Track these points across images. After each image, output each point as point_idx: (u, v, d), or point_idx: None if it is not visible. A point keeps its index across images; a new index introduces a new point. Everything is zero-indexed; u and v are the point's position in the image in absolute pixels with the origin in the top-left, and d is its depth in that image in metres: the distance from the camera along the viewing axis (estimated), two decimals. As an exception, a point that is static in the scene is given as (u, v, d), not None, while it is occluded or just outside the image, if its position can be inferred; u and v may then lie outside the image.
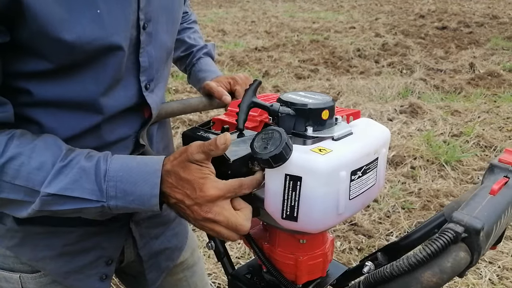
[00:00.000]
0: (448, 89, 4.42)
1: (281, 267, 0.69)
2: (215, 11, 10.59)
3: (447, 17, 8.54)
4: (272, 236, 0.70)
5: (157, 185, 0.61)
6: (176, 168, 0.61)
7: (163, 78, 0.82)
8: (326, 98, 0.66)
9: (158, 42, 0.74)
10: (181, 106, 0.89)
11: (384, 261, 0.69)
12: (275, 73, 5.17)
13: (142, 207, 0.62)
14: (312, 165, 0.55)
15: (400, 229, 2.29)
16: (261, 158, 0.55)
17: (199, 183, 0.59)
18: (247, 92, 0.65)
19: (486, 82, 4.59)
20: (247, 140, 0.62)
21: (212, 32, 7.85)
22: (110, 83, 0.68)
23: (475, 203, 0.49)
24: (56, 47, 0.59)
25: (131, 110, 0.74)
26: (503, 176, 0.54)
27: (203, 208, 0.60)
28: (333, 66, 5.44)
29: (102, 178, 0.61)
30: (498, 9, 9.20)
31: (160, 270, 0.96)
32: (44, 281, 0.79)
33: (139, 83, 0.73)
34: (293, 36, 7.26)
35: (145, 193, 0.61)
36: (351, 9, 10.27)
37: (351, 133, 0.65)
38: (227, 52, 6.18)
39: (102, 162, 0.62)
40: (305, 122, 0.63)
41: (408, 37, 6.87)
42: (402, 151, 3.03)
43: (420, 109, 3.80)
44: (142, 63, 0.72)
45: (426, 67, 5.15)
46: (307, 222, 0.58)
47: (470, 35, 6.91)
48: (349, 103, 3.95)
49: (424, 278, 0.42)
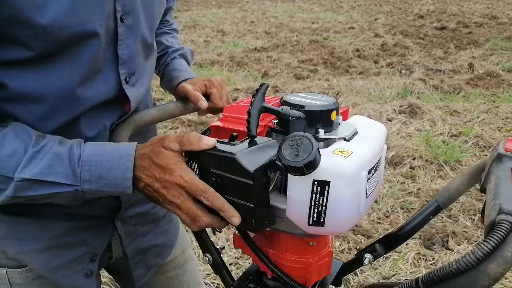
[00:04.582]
0: (447, 89, 4.43)
1: (290, 272, 0.68)
2: (214, 12, 10.59)
3: (446, 17, 8.55)
4: (279, 242, 0.69)
5: (131, 168, 0.63)
6: (150, 152, 0.63)
7: (146, 74, 0.83)
8: (331, 99, 0.66)
9: (139, 36, 0.75)
10: (158, 113, 0.86)
11: (382, 252, 0.70)
12: (274, 73, 5.17)
13: (115, 189, 0.64)
14: (340, 169, 0.55)
15: (399, 229, 2.29)
16: (294, 166, 0.53)
17: (170, 168, 0.61)
18: (256, 97, 0.62)
19: (485, 82, 4.60)
20: (263, 148, 0.59)
21: (211, 32, 7.85)
22: (87, 74, 0.68)
23: (505, 193, 0.50)
24: (29, 32, 0.60)
25: (110, 103, 0.75)
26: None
27: (169, 191, 0.62)
28: (332, 67, 5.44)
29: (76, 162, 0.63)
30: (497, 10, 9.21)
31: (147, 267, 0.95)
32: (31, 275, 0.79)
33: (118, 76, 0.74)
34: (292, 37, 7.26)
35: (118, 177, 0.63)
36: (350, 10, 10.28)
37: (357, 132, 0.66)
38: (226, 53, 6.18)
39: (76, 147, 0.64)
40: (315, 124, 0.63)
41: (407, 37, 6.88)
42: (401, 151, 3.03)
43: (419, 109, 3.80)
44: (121, 55, 0.73)
45: (425, 67, 5.15)
46: (333, 226, 0.58)
47: (469, 36, 6.91)
48: (348, 103, 3.96)
49: (491, 270, 0.43)
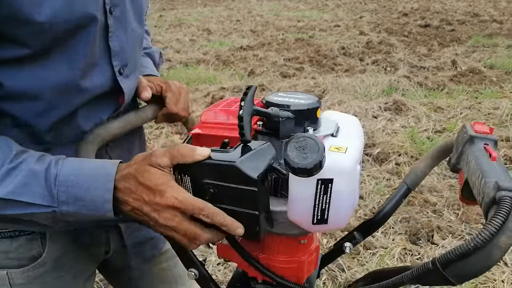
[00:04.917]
0: (431, 86, 4.48)
1: (283, 273, 0.68)
2: (200, 10, 10.53)
3: (429, 15, 8.66)
4: (270, 245, 0.68)
5: (110, 190, 0.59)
6: (135, 172, 0.58)
7: (137, 67, 0.83)
8: (312, 97, 0.66)
9: (128, 28, 0.75)
10: (121, 124, 0.80)
11: (361, 239, 0.73)
12: (260, 72, 5.17)
13: (95, 213, 0.60)
14: (341, 166, 0.56)
15: (385, 225, 2.31)
16: (305, 168, 0.52)
17: (160, 189, 0.57)
18: (246, 101, 0.59)
19: (468, 79, 4.67)
20: (260, 152, 0.58)
21: (197, 31, 7.81)
22: (85, 67, 0.67)
23: (493, 171, 0.54)
24: (27, 30, 0.59)
25: (106, 96, 0.74)
26: (484, 144, 0.60)
27: (161, 214, 0.57)
28: (318, 65, 5.46)
29: (53, 182, 0.59)
30: (479, 7, 9.37)
31: (145, 259, 0.97)
32: (32, 274, 0.78)
33: (112, 68, 0.73)
34: (278, 35, 7.27)
35: (96, 199, 0.59)
36: (335, 8, 10.33)
37: (339, 127, 0.66)
38: (212, 51, 6.15)
39: (53, 166, 0.60)
40: (304, 123, 0.63)
41: (392, 35, 6.94)
42: (387, 148, 3.06)
43: (404, 106, 3.84)
44: (112, 47, 0.72)
45: (410, 64, 5.21)
46: (336, 222, 0.59)
47: (452, 33, 7.01)
48: (334, 101, 3.98)
49: (502, 243, 0.46)
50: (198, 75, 5.06)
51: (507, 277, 1.92)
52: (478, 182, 0.55)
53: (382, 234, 2.25)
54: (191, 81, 4.85)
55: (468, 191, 0.60)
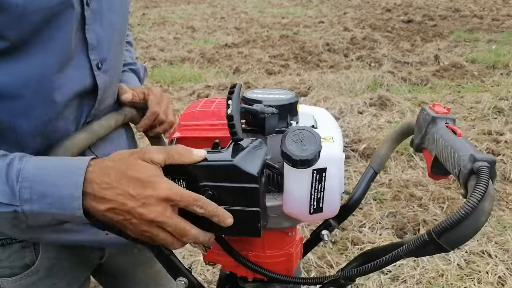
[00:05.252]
0: (415, 81, 4.54)
1: (273, 267, 0.69)
2: (184, 8, 10.44)
3: (412, 10, 8.75)
4: (258, 242, 0.69)
5: (80, 185, 0.53)
6: (120, 165, 0.54)
7: (118, 63, 0.81)
8: (289, 92, 0.68)
9: (105, 21, 0.74)
10: (89, 135, 0.76)
11: (336, 225, 0.77)
12: (245, 69, 5.15)
13: (63, 212, 0.54)
14: (333, 155, 0.59)
15: (372, 220, 2.34)
16: (306, 159, 0.54)
17: (152, 181, 0.53)
18: (233, 99, 0.58)
19: (450, 73, 4.74)
20: (253, 149, 0.58)
21: (181, 29, 7.74)
22: (61, 60, 0.66)
23: (463, 146, 0.59)
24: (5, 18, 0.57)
25: (87, 93, 0.73)
26: (445, 123, 0.66)
27: (151, 209, 0.53)
28: (303, 61, 5.47)
29: (15, 178, 0.54)
30: (460, 3, 9.50)
31: (139, 262, 0.97)
32: (25, 283, 0.76)
33: (90, 62, 0.72)
34: (263, 32, 7.26)
35: (65, 195, 0.53)
36: (319, 4, 10.36)
37: (315, 119, 0.69)
38: (197, 49, 6.11)
39: (17, 161, 0.55)
40: (286, 117, 0.64)
41: (376, 30, 7.00)
42: (373, 143, 3.09)
43: (389, 101, 3.88)
44: (89, 40, 0.71)
45: (394, 60, 5.26)
46: (330, 210, 0.62)
47: (434, 28, 7.11)
48: (319, 97, 3.99)
49: (486, 208, 0.50)
50: (183, 73, 5.02)
51: (491, 268, 1.95)
52: (451, 157, 0.59)
53: (369, 229, 2.27)
54: (176, 79, 4.81)
55: (438, 167, 0.65)
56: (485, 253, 2.06)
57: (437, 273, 1.95)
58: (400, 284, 1.90)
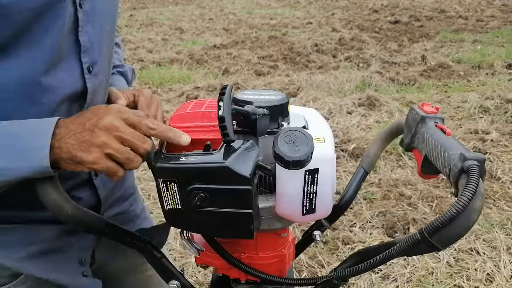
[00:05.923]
0: (402, 81, 4.58)
1: (267, 269, 0.69)
2: (171, 9, 10.39)
3: (399, 11, 8.84)
4: (251, 243, 0.69)
5: (48, 135, 0.57)
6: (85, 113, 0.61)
7: (108, 66, 0.80)
8: (280, 93, 0.68)
9: (97, 23, 0.73)
10: None
11: (328, 225, 0.77)
12: (234, 70, 5.15)
13: (30, 163, 0.57)
14: (325, 155, 0.59)
15: (362, 220, 2.35)
16: (299, 160, 0.54)
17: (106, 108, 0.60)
18: (225, 100, 0.58)
19: (437, 73, 4.80)
20: (245, 151, 0.58)
21: (169, 30, 7.70)
22: (50, 61, 0.65)
23: (453, 145, 0.60)
24: None
25: (77, 97, 0.72)
26: (434, 122, 0.67)
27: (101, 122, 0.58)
28: (292, 62, 5.49)
29: None
30: (445, 4, 9.63)
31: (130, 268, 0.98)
32: None
33: (81, 65, 0.71)
34: (252, 33, 7.26)
35: (32, 145, 0.57)
36: (307, 5, 10.40)
37: (306, 119, 0.69)
38: (186, 51, 6.08)
39: None
40: (277, 118, 0.64)
41: (364, 31, 7.05)
42: (362, 143, 3.11)
43: (377, 101, 3.91)
44: (82, 42, 0.70)
45: (381, 60, 5.31)
46: (322, 210, 0.62)
47: (421, 29, 7.19)
48: (308, 98, 4.01)
49: (477, 206, 0.51)
50: (172, 74, 4.99)
51: (479, 266, 1.98)
52: (441, 156, 0.60)
53: (360, 229, 2.28)
54: (164, 81, 4.78)
55: (428, 166, 0.65)
56: (473, 250, 2.08)
57: (427, 271, 1.97)
58: (390, 283, 1.92)
